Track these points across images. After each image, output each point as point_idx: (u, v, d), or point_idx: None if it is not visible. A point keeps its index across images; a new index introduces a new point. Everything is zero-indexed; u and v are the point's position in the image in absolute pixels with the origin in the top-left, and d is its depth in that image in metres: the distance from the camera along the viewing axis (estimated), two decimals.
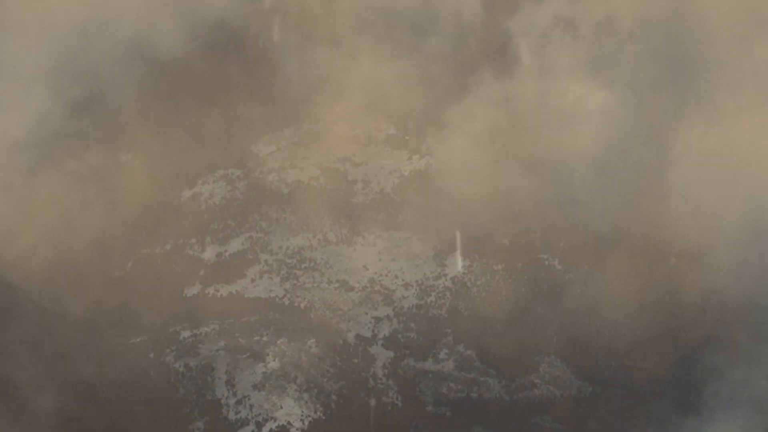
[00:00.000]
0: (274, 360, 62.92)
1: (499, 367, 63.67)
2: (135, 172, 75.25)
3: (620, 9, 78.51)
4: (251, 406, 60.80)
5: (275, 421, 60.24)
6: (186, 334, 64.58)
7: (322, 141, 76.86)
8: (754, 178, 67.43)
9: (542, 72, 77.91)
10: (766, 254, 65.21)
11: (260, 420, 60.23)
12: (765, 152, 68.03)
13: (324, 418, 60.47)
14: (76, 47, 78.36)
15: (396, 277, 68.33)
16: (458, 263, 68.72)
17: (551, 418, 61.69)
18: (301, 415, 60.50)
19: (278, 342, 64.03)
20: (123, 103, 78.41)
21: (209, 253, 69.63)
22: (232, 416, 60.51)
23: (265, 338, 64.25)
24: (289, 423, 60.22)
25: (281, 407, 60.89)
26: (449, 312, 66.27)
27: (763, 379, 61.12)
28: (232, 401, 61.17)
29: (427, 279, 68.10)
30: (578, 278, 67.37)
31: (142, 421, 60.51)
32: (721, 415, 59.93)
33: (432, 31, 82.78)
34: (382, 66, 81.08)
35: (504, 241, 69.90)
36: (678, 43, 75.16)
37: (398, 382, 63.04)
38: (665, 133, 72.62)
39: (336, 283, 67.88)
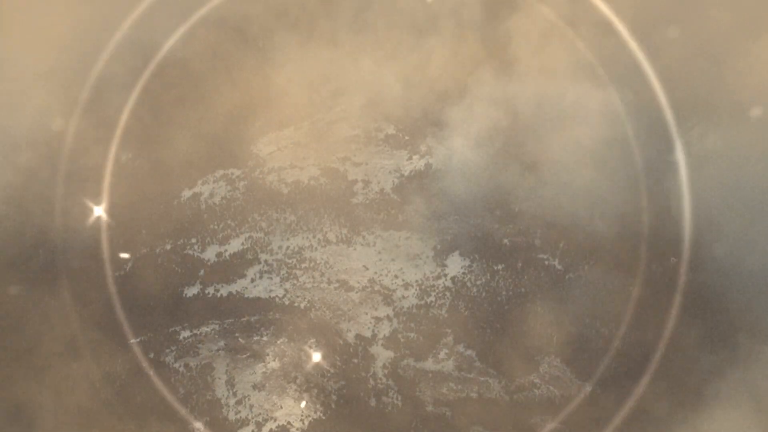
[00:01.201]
0: (274, 360, 62.96)
1: (499, 367, 63.71)
2: (135, 172, 75.31)
3: (620, 9, 78.63)
4: (251, 406, 60.85)
5: (275, 421, 60.28)
6: (186, 334, 64.63)
7: (322, 141, 76.94)
8: (754, 178, 67.50)
9: (542, 72, 78.01)
10: (766, 254, 65.26)
11: (260, 420, 60.27)
12: (765, 152, 68.10)
13: (324, 418, 60.51)
14: (76, 47, 78.46)
15: (396, 277, 68.37)
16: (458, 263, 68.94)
17: (551, 418, 61.72)
18: (301, 415, 60.54)
19: (278, 342, 64.08)
20: (123, 103, 78.50)
21: (209, 253, 69.67)
22: (232, 416, 60.55)
23: (265, 338, 64.30)
24: (289, 423, 60.25)
25: (281, 407, 60.93)
26: (449, 312, 66.30)
27: (763, 379, 61.17)
28: (232, 401, 61.22)
29: (427, 279, 68.14)
30: (578, 278, 67.41)
31: (143, 420, 60.54)
32: (721, 415, 59.96)
33: (432, 31, 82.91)
34: (382, 66, 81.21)
35: (504, 241, 69.96)
36: (678, 42, 75.27)
37: (398, 382, 63.06)
38: (665, 133, 72.71)
39: (336, 283, 67.92)
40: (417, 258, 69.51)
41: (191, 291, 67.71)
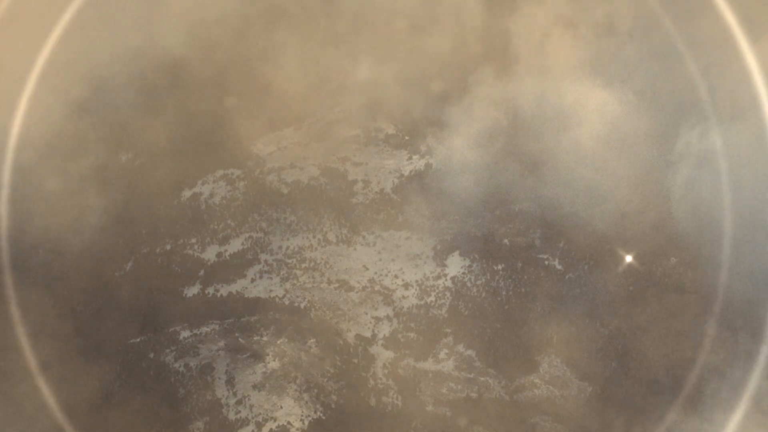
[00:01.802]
0: (274, 360, 62.95)
1: (499, 367, 63.71)
2: (135, 172, 75.33)
3: (620, 9, 78.65)
4: (251, 406, 60.83)
5: (275, 421, 60.26)
6: (186, 334, 64.62)
7: (322, 141, 76.94)
8: (754, 178, 67.49)
9: (542, 72, 78.03)
10: (766, 254, 65.22)
11: (260, 420, 60.26)
12: (765, 152, 68.07)
13: (324, 418, 60.50)
14: (77, 47, 78.48)
15: (396, 277, 68.39)
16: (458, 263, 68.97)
17: (551, 418, 61.73)
18: (301, 415, 60.53)
19: (278, 342, 64.07)
20: (123, 103, 78.55)
21: (209, 253, 69.68)
22: (232, 416, 60.53)
23: (265, 338, 64.28)
24: (289, 423, 60.24)
25: (281, 407, 60.92)
26: (449, 312, 66.31)
27: (763, 379, 61.14)
28: (232, 401, 61.20)
29: (427, 279, 68.16)
30: (578, 278, 67.41)
31: (143, 420, 60.51)
32: (722, 415, 59.95)
33: (432, 31, 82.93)
34: (382, 66, 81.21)
35: (504, 241, 69.98)
36: (678, 42, 75.26)
37: (398, 382, 63.05)
38: (665, 133, 72.70)
39: (336, 283, 67.94)
40: (417, 258, 69.51)
41: (191, 291, 67.72)
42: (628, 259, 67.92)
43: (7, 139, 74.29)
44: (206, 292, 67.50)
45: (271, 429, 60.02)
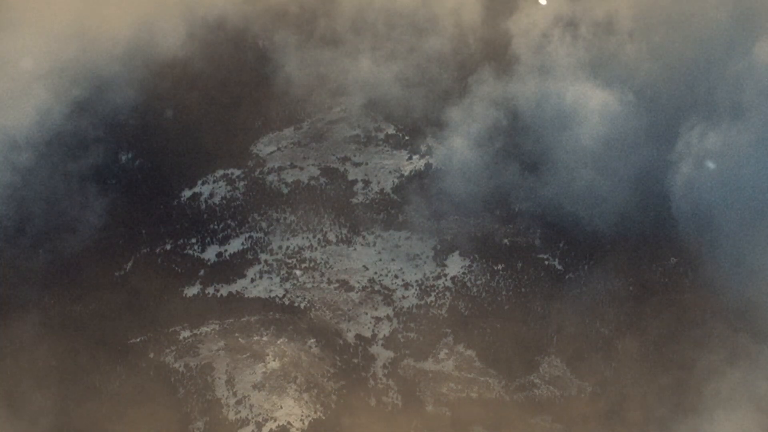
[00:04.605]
0: (274, 360, 62.95)
1: (499, 367, 63.70)
2: (135, 172, 75.29)
3: (620, 9, 78.63)
4: (251, 406, 60.82)
5: (275, 421, 60.27)
6: (186, 334, 64.62)
7: (322, 141, 76.94)
8: (754, 178, 67.45)
9: (542, 72, 78.02)
10: (766, 254, 65.20)
11: (260, 420, 60.26)
12: (765, 152, 68.05)
13: (324, 418, 60.50)
14: (77, 47, 78.47)
15: (396, 277, 68.38)
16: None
17: (551, 418, 61.72)
18: (301, 415, 60.53)
19: (278, 342, 64.07)
20: (123, 103, 78.52)
21: (209, 253, 69.68)
22: (232, 416, 60.53)
23: (265, 338, 64.28)
24: (289, 423, 60.23)
25: (281, 407, 60.92)
26: (449, 312, 66.31)
27: (764, 380, 61.13)
28: (232, 401, 61.19)
29: (427, 279, 68.16)
30: (578, 278, 67.40)
31: (143, 420, 60.51)
32: (721, 415, 59.95)
33: (432, 31, 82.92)
34: (382, 66, 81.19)
35: (504, 241, 69.96)
36: (678, 43, 75.24)
37: (398, 382, 63.06)
38: (665, 133, 72.66)
39: (336, 283, 67.94)
40: (417, 258, 69.51)
41: (191, 291, 67.71)
42: (628, 259, 67.87)
43: (7, 139, 74.28)
44: (206, 292, 67.49)
45: (271, 429, 60.02)
